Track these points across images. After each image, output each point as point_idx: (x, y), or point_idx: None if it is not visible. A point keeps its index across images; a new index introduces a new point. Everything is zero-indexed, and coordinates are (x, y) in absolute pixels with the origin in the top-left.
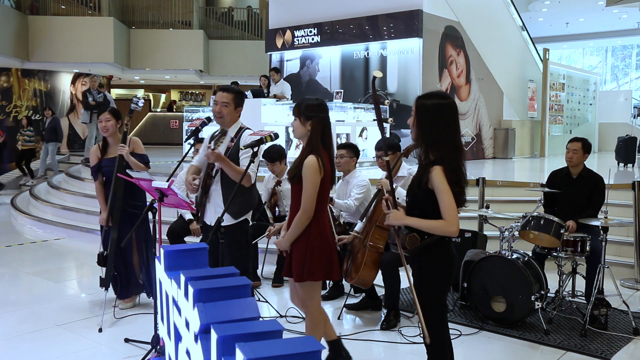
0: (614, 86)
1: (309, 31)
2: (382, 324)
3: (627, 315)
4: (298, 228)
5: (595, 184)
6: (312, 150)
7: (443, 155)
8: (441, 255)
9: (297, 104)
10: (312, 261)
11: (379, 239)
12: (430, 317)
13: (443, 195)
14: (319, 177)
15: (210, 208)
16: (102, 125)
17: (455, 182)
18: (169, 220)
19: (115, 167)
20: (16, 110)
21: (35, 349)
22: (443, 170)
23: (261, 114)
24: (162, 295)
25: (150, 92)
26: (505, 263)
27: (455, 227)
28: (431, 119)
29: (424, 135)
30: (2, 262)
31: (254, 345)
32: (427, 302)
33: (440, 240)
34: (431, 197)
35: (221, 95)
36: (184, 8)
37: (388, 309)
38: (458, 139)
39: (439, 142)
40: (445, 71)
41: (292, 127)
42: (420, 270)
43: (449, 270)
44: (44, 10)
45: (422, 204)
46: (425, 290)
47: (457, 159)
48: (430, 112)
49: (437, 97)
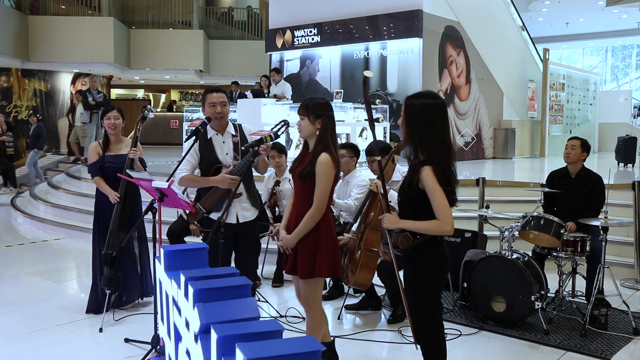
0: (614, 86)
1: (309, 31)
2: (389, 318)
3: (627, 315)
4: (309, 224)
5: (595, 183)
6: (324, 147)
7: (432, 155)
8: (434, 254)
9: (304, 104)
10: (320, 258)
11: (373, 241)
12: (426, 316)
13: (435, 195)
14: (333, 174)
15: (236, 207)
16: (111, 123)
17: (446, 181)
18: (168, 220)
19: (125, 168)
20: (16, 110)
21: (35, 349)
22: (433, 170)
23: (261, 114)
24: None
25: (150, 92)
26: (505, 263)
27: (450, 226)
28: (420, 119)
29: (412, 135)
30: (2, 262)
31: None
32: (422, 301)
33: (432, 239)
34: (422, 197)
35: (218, 96)
36: (184, 8)
37: (395, 304)
38: (447, 138)
39: (427, 142)
40: (445, 71)
41: (298, 126)
42: (414, 270)
43: (443, 269)
44: (44, 10)
45: (414, 204)
46: (419, 290)
47: (446, 158)
48: (419, 112)
49: (426, 97)
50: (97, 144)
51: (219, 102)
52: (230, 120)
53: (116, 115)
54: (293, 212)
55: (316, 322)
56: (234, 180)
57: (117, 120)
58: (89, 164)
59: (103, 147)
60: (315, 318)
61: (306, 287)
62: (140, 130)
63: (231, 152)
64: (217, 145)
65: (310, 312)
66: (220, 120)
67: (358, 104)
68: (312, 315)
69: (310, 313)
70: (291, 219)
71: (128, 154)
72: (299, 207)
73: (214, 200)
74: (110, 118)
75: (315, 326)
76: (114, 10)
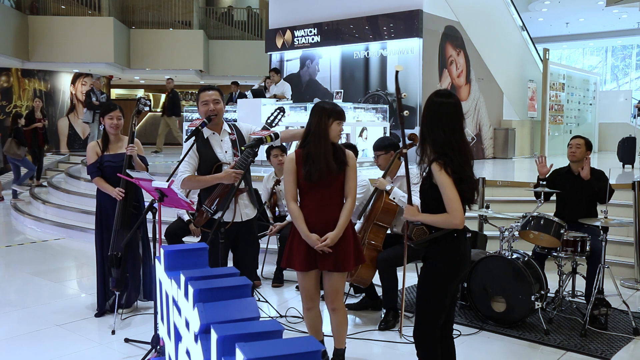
0: (614, 86)
1: (309, 31)
2: (381, 324)
3: (627, 315)
4: (349, 217)
5: (597, 177)
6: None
7: (442, 154)
8: (447, 251)
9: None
10: (356, 248)
11: (377, 237)
12: (424, 312)
13: (445, 189)
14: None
15: (240, 205)
16: (114, 123)
17: (459, 180)
18: (167, 221)
19: (124, 166)
20: (16, 110)
21: (35, 349)
22: (442, 165)
23: (261, 114)
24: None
25: (150, 92)
26: (505, 263)
27: (459, 219)
28: (432, 117)
29: (423, 132)
30: (2, 262)
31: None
32: (425, 295)
33: (447, 236)
34: (436, 192)
35: (211, 94)
36: (184, 8)
37: (387, 309)
38: (459, 138)
39: (437, 140)
40: (445, 71)
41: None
42: (424, 262)
43: (454, 268)
44: (44, 10)
45: (428, 199)
46: (426, 283)
47: (457, 158)
48: (432, 110)
49: (441, 95)
50: (96, 144)
51: (211, 99)
52: (224, 120)
53: (119, 116)
54: (312, 214)
55: (345, 317)
56: (239, 174)
57: (119, 120)
58: (88, 165)
59: (102, 146)
60: (344, 313)
61: (341, 280)
62: (136, 125)
63: (230, 150)
64: (215, 144)
65: (340, 309)
66: (214, 118)
67: (358, 104)
68: (342, 311)
69: (340, 309)
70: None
71: (126, 151)
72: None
73: (220, 199)
74: (113, 118)
75: (345, 321)
76: (114, 10)
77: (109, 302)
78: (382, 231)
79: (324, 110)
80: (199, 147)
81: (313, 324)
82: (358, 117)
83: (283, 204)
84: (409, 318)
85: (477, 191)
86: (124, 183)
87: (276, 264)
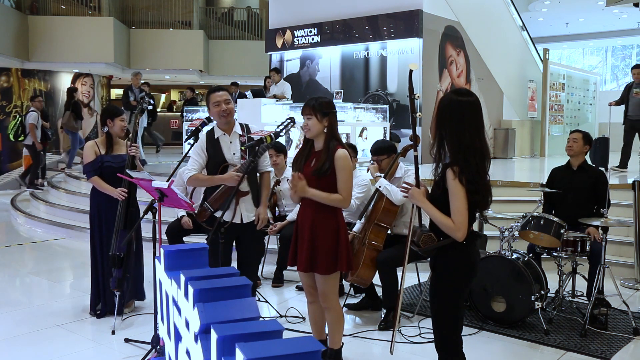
0: (614, 86)
1: (309, 31)
2: (381, 324)
3: (627, 315)
4: (328, 202)
5: (597, 178)
6: (338, 143)
7: (461, 159)
8: (456, 259)
9: (309, 104)
10: (341, 253)
11: (378, 237)
12: (443, 320)
13: (454, 200)
14: (351, 167)
15: (241, 207)
16: (123, 125)
17: (473, 191)
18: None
19: (127, 166)
20: (16, 110)
21: (34, 349)
22: (458, 174)
23: (261, 114)
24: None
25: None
26: (505, 263)
27: (462, 233)
28: (457, 118)
29: (441, 134)
30: (2, 262)
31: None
32: (440, 304)
33: (456, 243)
34: (444, 196)
35: (222, 94)
36: (184, 8)
37: (387, 309)
38: (483, 139)
39: (462, 143)
40: (445, 71)
41: (306, 127)
42: (435, 272)
43: (464, 276)
44: (44, 10)
45: (439, 204)
46: (439, 292)
47: (479, 161)
48: (456, 110)
49: (463, 94)
50: (94, 143)
51: (222, 100)
52: (235, 120)
53: (124, 118)
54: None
55: (339, 317)
56: (239, 177)
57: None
58: (84, 164)
59: (106, 147)
60: (336, 313)
61: (327, 283)
62: (139, 124)
63: (238, 152)
64: (224, 145)
65: (332, 308)
66: (226, 118)
67: (358, 104)
68: (333, 310)
69: (332, 309)
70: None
71: (129, 151)
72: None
73: (223, 199)
74: (124, 120)
75: (338, 321)
76: (114, 10)
77: (97, 307)
78: (383, 232)
79: None
80: (207, 146)
81: (315, 318)
82: (358, 117)
83: (283, 204)
84: (409, 318)
85: (491, 196)
86: (126, 183)
87: (276, 264)
